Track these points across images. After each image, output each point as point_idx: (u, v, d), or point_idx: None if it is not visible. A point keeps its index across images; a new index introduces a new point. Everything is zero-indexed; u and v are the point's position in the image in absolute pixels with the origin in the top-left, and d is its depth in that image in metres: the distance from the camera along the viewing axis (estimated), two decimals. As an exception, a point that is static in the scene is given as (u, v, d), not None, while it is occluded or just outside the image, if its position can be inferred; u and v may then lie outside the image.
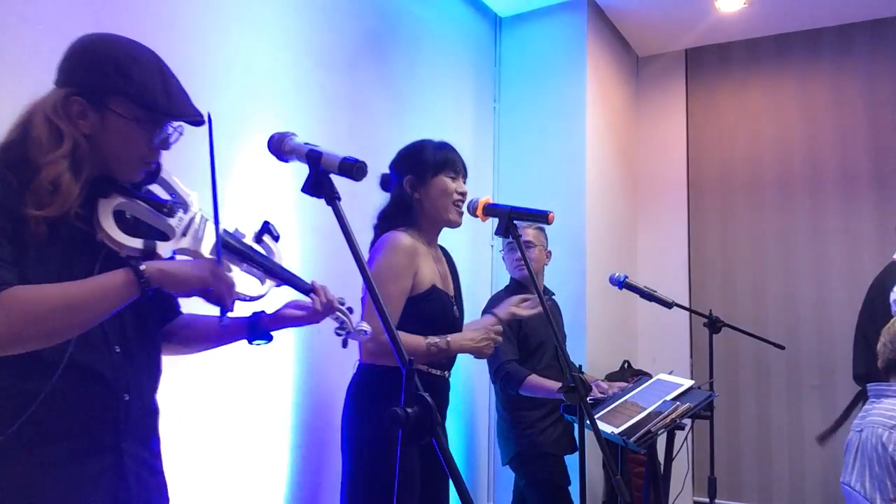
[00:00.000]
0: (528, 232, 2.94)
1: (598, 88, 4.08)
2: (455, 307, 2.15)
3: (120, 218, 1.27)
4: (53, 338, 1.15)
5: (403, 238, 2.01)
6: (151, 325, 1.39)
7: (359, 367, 2.11)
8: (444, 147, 2.16)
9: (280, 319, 1.50)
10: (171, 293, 1.35)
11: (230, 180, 2.37)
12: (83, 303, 1.15)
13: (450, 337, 1.99)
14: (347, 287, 2.13)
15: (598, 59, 4.08)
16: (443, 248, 2.27)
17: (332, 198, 1.20)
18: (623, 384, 2.89)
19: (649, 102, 4.76)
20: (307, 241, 2.67)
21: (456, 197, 2.09)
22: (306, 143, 1.27)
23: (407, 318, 1.99)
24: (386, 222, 2.11)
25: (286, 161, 1.30)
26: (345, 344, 1.57)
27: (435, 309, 2.03)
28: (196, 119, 1.31)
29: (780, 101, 4.42)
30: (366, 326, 1.54)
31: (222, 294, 1.27)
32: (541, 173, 3.94)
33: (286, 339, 2.50)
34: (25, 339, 1.12)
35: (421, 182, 2.09)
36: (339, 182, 1.22)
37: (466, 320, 2.27)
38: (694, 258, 4.54)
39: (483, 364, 2.95)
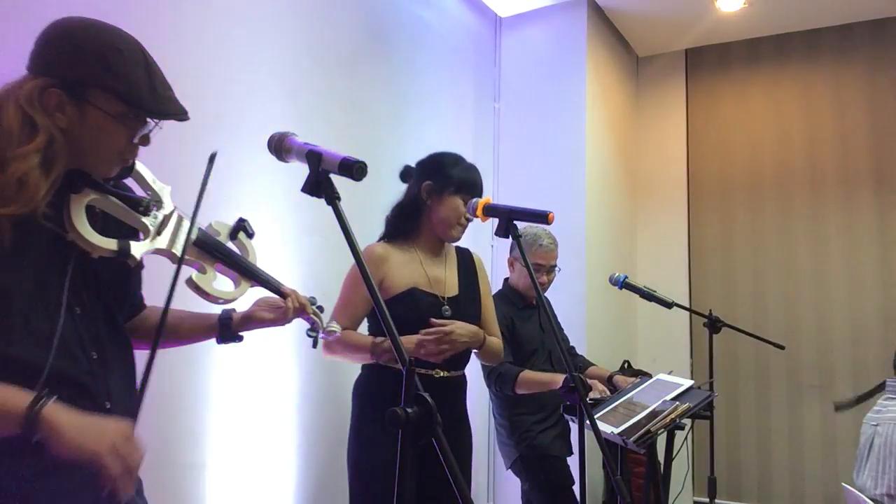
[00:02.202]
0: (556, 254, 2.93)
1: (598, 88, 4.07)
2: (446, 307, 2.14)
3: (92, 216, 1.20)
4: None
5: (373, 248, 2.12)
6: (121, 323, 1.30)
7: (363, 368, 2.16)
8: (473, 170, 2.20)
9: (249, 320, 1.46)
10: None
11: (230, 181, 2.37)
12: None
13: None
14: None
15: (598, 59, 4.07)
16: (463, 252, 2.32)
17: (332, 198, 1.20)
18: (634, 379, 2.88)
19: (649, 102, 4.75)
20: (307, 241, 2.67)
21: (463, 221, 2.16)
22: (306, 143, 1.26)
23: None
24: (393, 217, 2.21)
25: (286, 161, 1.30)
26: (315, 344, 1.55)
27: (409, 310, 2.05)
28: (180, 117, 1.23)
29: (780, 101, 4.42)
30: (335, 326, 1.54)
31: (110, 478, 1.00)
32: (541, 173, 3.93)
33: (290, 338, 2.50)
34: None
35: (437, 193, 2.15)
36: (340, 182, 1.22)
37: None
38: (694, 258, 4.54)
39: (477, 367, 2.95)
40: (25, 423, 0.99)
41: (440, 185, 2.14)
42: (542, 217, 1.83)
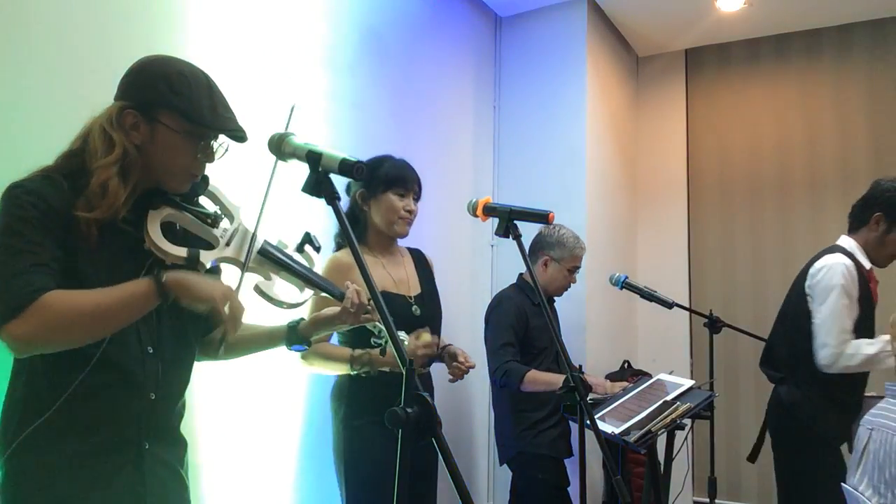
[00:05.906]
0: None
1: (598, 88, 4.07)
2: (415, 307, 2.22)
3: (170, 229, 1.36)
4: (79, 342, 1.23)
5: (338, 256, 2.16)
6: (190, 330, 1.45)
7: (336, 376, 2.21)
8: (401, 165, 2.26)
9: (315, 322, 1.61)
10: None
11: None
12: (110, 311, 1.22)
13: (373, 352, 2.02)
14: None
15: (598, 59, 4.07)
16: (415, 251, 2.39)
17: (332, 198, 1.20)
18: (624, 384, 2.88)
19: (649, 102, 4.75)
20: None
21: (402, 214, 2.21)
22: (306, 143, 1.26)
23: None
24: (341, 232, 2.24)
25: (286, 161, 1.30)
26: (383, 352, 1.69)
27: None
28: (237, 134, 1.39)
29: (780, 101, 4.42)
30: (402, 335, 1.62)
31: (225, 320, 1.29)
32: (541, 173, 3.93)
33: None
34: (55, 342, 1.21)
35: (371, 196, 2.22)
36: (339, 182, 1.22)
37: (462, 319, 2.32)
38: (694, 258, 4.54)
39: (480, 363, 2.95)
40: (159, 291, 1.24)
41: (371, 187, 2.21)
42: (543, 217, 1.84)
